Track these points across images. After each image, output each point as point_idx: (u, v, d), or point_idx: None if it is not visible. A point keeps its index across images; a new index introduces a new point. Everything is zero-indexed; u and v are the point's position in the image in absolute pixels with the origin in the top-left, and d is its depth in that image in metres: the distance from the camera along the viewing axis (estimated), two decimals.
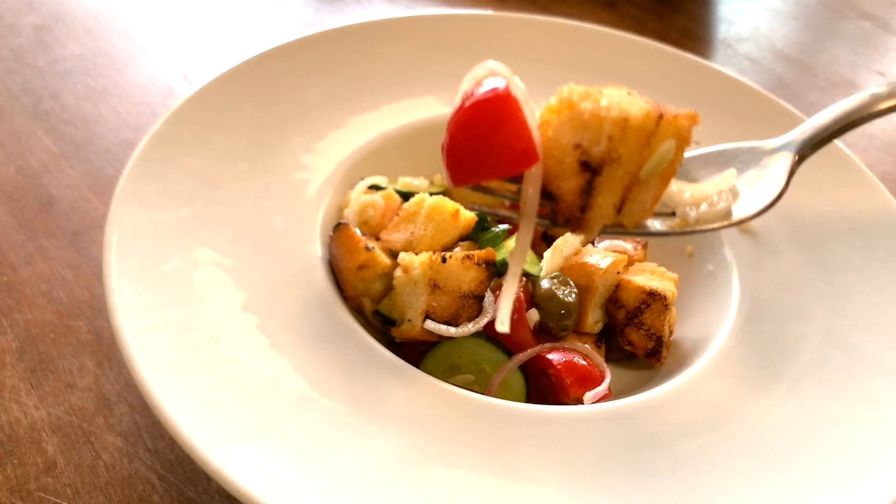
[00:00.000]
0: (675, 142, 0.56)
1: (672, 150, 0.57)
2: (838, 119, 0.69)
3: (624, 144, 0.55)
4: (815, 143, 0.69)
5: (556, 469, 0.57)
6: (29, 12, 1.21)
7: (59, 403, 0.70)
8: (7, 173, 0.93)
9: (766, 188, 0.67)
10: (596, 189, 0.57)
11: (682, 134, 0.57)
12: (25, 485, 0.64)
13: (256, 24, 1.26)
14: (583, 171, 0.57)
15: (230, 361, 0.60)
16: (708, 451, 0.60)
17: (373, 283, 0.70)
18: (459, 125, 0.57)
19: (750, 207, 0.65)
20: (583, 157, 0.56)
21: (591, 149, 0.56)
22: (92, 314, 0.78)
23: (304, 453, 0.55)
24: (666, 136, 0.56)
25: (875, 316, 0.71)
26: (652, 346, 0.72)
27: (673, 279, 0.74)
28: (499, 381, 0.67)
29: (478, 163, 0.57)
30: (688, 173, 0.69)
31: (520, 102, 0.57)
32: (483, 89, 0.57)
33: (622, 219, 0.60)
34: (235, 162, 0.76)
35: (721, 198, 0.65)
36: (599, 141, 0.55)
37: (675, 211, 0.65)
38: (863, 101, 0.69)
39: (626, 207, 0.59)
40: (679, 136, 0.57)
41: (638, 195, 0.59)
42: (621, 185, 0.57)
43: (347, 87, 0.87)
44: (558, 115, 0.58)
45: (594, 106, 0.56)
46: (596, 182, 0.57)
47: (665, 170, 0.58)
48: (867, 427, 0.62)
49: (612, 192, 0.58)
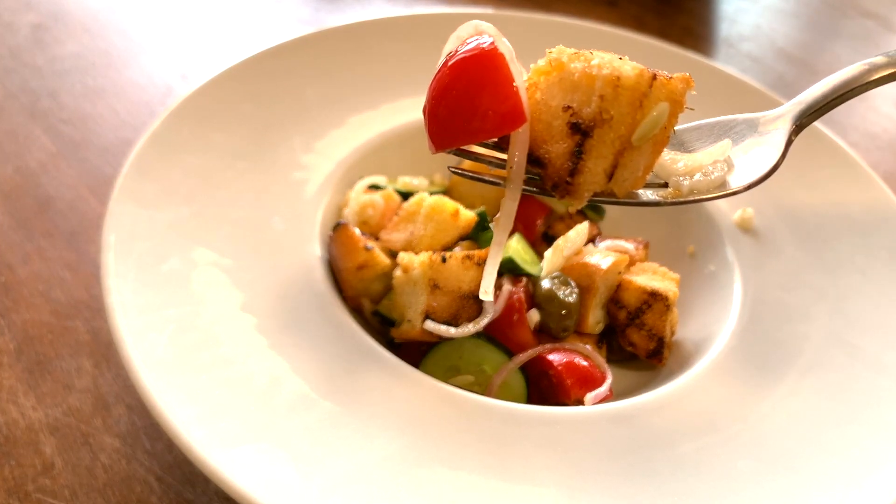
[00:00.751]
0: (668, 105, 0.54)
1: (665, 113, 0.55)
2: (836, 88, 0.67)
3: (616, 105, 0.53)
4: (811, 113, 0.67)
5: (556, 470, 0.57)
6: (27, 11, 1.21)
7: (56, 404, 0.70)
8: (5, 173, 0.92)
9: (762, 159, 0.64)
10: (586, 153, 0.55)
11: (675, 98, 0.55)
12: (23, 486, 0.64)
13: (255, 24, 1.26)
14: (573, 133, 0.54)
15: (229, 362, 0.60)
16: (709, 452, 0.60)
17: (372, 283, 0.70)
18: (442, 85, 0.55)
19: (745, 178, 0.63)
20: (573, 118, 0.54)
21: (581, 109, 0.54)
22: (90, 314, 0.78)
23: (303, 454, 0.55)
24: (659, 99, 0.54)
25: (877, 317, 0.70)
26: (653, 346, 0.72)
27: (675, 279, 0.73)
28: (499, 382, 0.67)
29: (461, 124, 0.54)
30: (682, 145, 0.66)
31: (506, 60, 0.54)
32: (467, 47, 0.54)
33: (613, 186, 0.58)
34: (234, 161, 0.76)
35: (716, 168, 0.63)
36: (590, 101, 0.54)
37: (667, 182, 0.62)
38: (860, 71, 0.68)
39: (618, 174, 0.57)
40: (673, 100, 0.55)
41: (629, 161, 0.56)
42: (612, 150, 0.55)
43: (347, 86, 0.87)
44: (547, 76, 0.56)
45: (585, 66, 0.54)
46: (586, 145, 0.55)
47: (658, 135, 0.56)
48: (869, 427, 0.62)
49: (603, 156, 0.56)
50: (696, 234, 0.82)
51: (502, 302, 0.68)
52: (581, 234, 0.75)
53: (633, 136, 0.55)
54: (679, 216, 0.84)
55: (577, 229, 0.74)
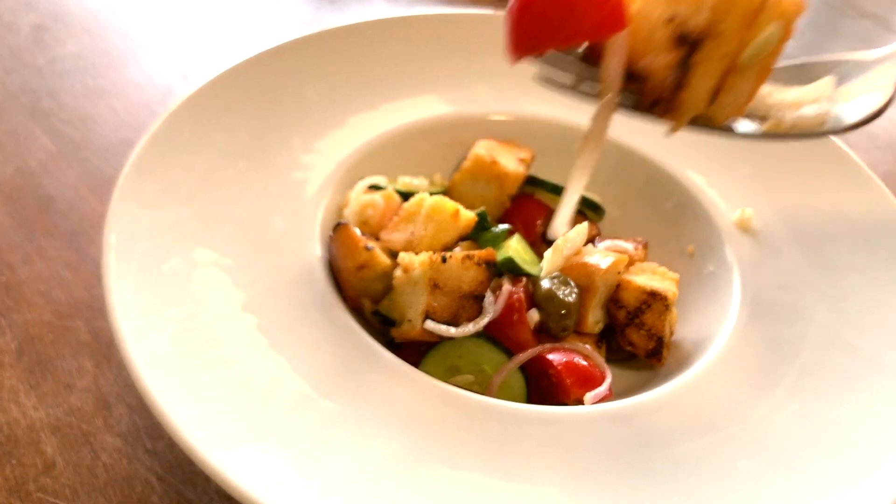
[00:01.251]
0: (779, 27, 0.51)
1: (776, 35, 0.51)
2: None
3: (729, 17, 0.50)
4: None
5: (556, 469, 0.57)
6: (27, 11, 1.21)
7: (57, 404, 0.70)
8: (5, 173, 0.92)
9: (868, 98, 0.60)
10: (693, 67, 0.51)
11: (787, 20, 0.51)
12: (24, 485, 0.64)
13: (256, 24, 1.26)
14: (678, 45, 0.51)
15: (229, 362, 0.60)
16: (709, 452, 0.60)
17: (372, 283, 0.70)
18: None
19: (852, 116, 0.59)
20: (679, 29, 0.51)
21: (688, 21, 0.50)
22: (91, 314, 0.78)
23: (303, 454, 0.55)
24: (771, 19, 0.51)
25: (877, 316, 0.71)
26: (653, 346, 0.72)
27: (674, 279, 0.74)
28: (499, 382, 0.67)
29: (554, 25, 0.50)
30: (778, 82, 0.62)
31: None
32: None
33: (714, 111, 0.54)
34: (235, 161, 0.76)
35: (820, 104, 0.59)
36: (700, 12, 0.50)
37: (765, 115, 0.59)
38: None
39: (721, 98, 0.53)
40: (784, 22, 0.51)
41: (734, 85, 0.53)
42: (720, 67, 0.52)
43: (347, 86, 0.87)
44: None
45: None
46: (694, 58, 0.51)
47: (765, 59, 0.52)
48: (869, 427, 0.62)
49: (710, 73, 0.52)
50: (696, 234, 0.82)
51: (502, 302, 0.68)
52: (581, 235, 0.75)
53: (743, 54, 0.52)
54: (678, 216, 0.84)
55: (577, 229, 0.74)
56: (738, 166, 0.84)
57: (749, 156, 0.85)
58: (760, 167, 0.84)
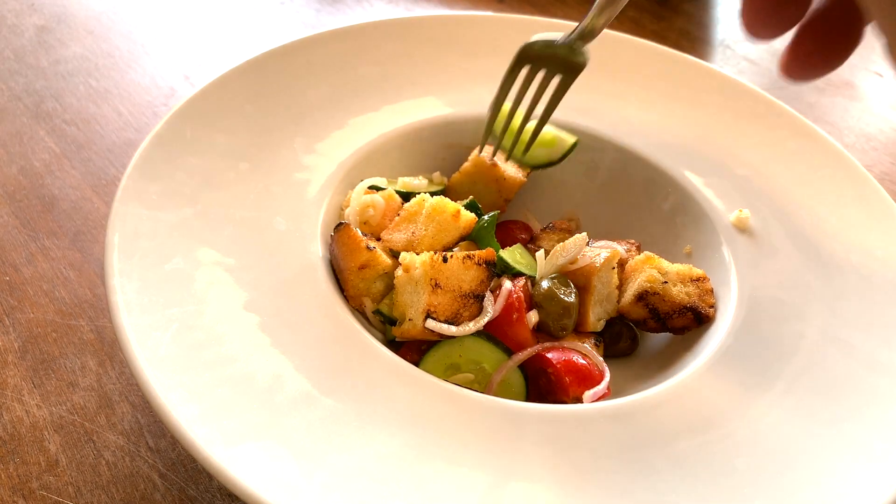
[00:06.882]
0: None
1: None
2: None
3: None
4: None
5: (555, 467, 0.57)
6: (31, 13, 1.22)
7: (61, 402, 0.71)
8: (9, 174, 0.93)
9: None
10: None
11: None
12: (27, 483, 0.65)
13: (258, 25, 1.27)
14: None
15: (231, 360, 0.60)
16: (707, 450, 0.60)
17: (374, 282, 0.71)
18: None
19: None
20: None
21: None
22: (94, 313, 0.78)
23: (305, 452, 0.55)
24: None
25: (873, 315, 0.71)
26: (692, 317, 0.73)
27: (701, 274, 0.76)
28: (498, 380, 0.67)
29: None
30: None
31: None
32: None
33: None
34: (237, 162, 0.76)
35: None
36: None
37: None
38: None
39: None
40: None
41: None
42: None
43: (348, 87, 0.87)
44: None
45: None
46: None
47: None
48: (866, 426, 0.62)
49: None
50: (693, 234, 0.82)
51: (502, 301, 0.69)
52: (579, 245, 0.74)
53: None
54: (675, 216, 0.84)
55: (575, 239, 0.74)
56: (735, 167, 0.85)
57: (746, 156, 0.86)
58: (758, 168, 0.85)
